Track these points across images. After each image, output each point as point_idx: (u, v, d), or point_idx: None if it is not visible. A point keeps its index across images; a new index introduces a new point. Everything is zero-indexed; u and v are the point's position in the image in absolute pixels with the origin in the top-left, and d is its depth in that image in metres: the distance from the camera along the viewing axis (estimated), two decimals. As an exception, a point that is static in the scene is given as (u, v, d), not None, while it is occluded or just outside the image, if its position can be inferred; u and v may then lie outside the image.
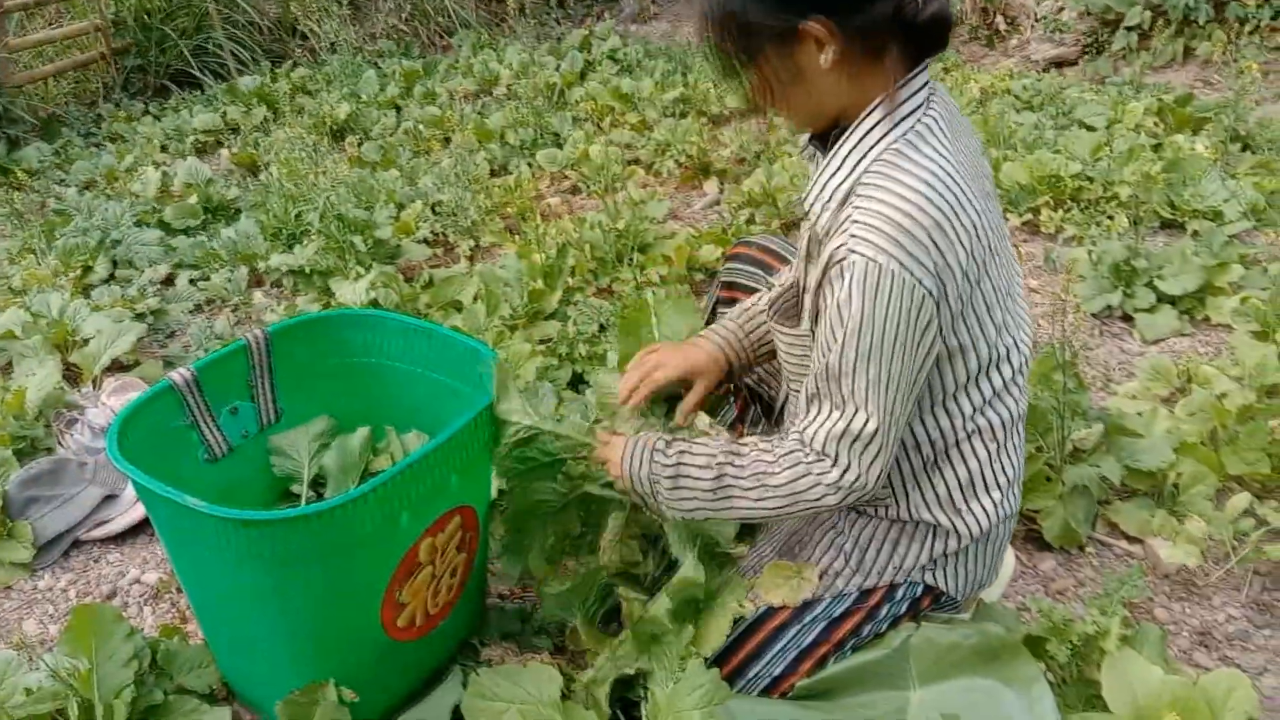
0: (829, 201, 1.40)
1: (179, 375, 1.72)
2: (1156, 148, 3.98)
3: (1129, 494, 2.22)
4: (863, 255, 1.30)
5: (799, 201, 1.60)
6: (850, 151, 1.39)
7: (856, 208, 1.34)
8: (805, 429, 1.43)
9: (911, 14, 1.33)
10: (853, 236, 1.32)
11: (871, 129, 1.38)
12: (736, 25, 1.35)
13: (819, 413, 1.41)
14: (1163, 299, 2.96)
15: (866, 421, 1.36)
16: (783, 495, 1.45)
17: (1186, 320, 2.94)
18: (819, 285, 1.41)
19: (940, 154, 1.35)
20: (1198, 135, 4.22)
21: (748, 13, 1.33)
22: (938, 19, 1.34)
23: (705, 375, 1.77)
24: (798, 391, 1.59)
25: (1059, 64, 5.92)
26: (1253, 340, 2.61)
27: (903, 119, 1.37)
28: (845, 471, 1.40)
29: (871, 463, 1.39)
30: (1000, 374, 1.49)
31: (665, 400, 1.79)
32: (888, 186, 1.32)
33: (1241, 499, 2.10)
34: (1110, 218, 3.48)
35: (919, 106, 1.38)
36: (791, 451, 1.44)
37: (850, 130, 1.40)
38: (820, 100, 1.40)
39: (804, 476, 1.42)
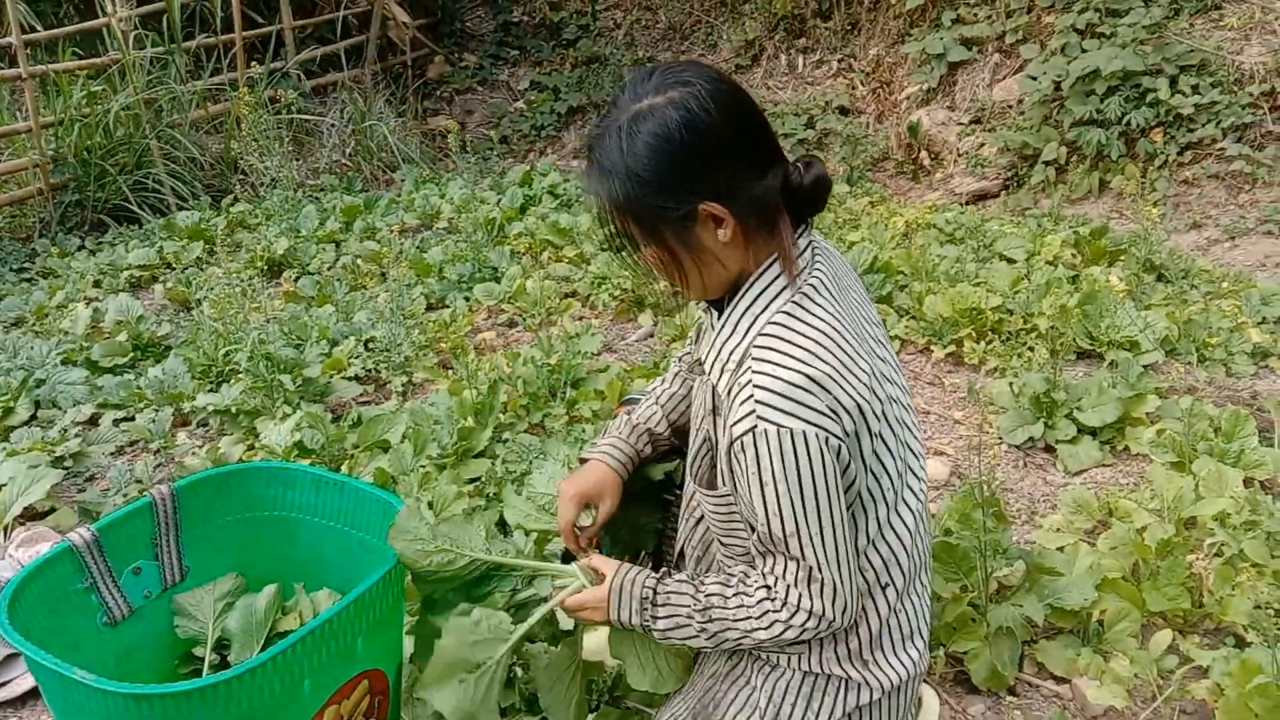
0: (727, 363, 1.44)
1: (78, 536, 1.66)
2: (1074, 279, 4.11)
3: (1054, 632, 2.22)
4: (772, 423, 1.33)
5: (693, 357, 1.64)
6: (743, 315, 1.44)
7: (755, 372, 1.37)
8: (769, 580, 1.45)
9: (796, 182, 1.43)
10: (758, 403, 1.35)
11: (762, 292, 1.44)
12: (637, 211, 1.40)
13: (775, 563, 1.44)
14: (1083, 430, 3.02)
15: (816, 568, 1.40)
16: (755, 636, 1.46)
17: (1107, 450, 2.99)
18: (730, 448, 1.42)
19: (828, 311, 1.41)
20: (1113, 266, 4.38)
21: (646, 198, 1.38)
22: (818, 182, 1.45)
23: (608, 496, 1.77)
24: (727, 548, 1.59)
25: (981, 197, 6.17)
26: (1170, 471, 2.66)
27: (792, 279, 1.43)
28: (810, 613, 1.43)
29: (834, 599, 1.42)
30: (904, 521, 1.51)
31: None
32: (782, 350, 1.37)
33: (1164, 636, 2.11)
34: (1030, 349, 3.56)
35: (805, 266, 1.45)
36: (760, 600, 1.46)
37: (741, 294, 1.46)
38: (720, 270, 1.45)
39: (775, 624, 1.44)
